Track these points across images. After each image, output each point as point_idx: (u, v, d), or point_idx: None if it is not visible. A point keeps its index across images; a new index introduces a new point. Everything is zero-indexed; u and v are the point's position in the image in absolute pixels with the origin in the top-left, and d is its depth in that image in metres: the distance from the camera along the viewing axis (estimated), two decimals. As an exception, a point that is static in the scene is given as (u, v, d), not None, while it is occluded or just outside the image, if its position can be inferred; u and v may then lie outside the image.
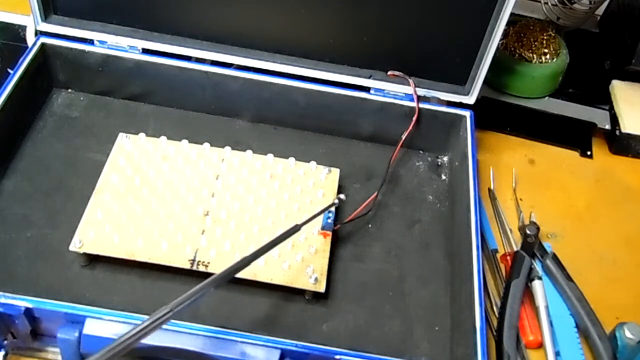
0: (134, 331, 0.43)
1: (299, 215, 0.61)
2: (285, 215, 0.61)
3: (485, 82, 0.67)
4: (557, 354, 0.59)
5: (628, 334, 0.58)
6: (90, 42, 0.69)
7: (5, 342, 0.53)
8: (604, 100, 0.81)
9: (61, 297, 0.51)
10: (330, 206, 0.60)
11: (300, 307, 0.58)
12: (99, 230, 0.57)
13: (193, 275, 0.57)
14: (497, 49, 0.64)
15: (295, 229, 0.55)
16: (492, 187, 0.72)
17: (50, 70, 0.70)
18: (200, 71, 0.69)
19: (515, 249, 0.65)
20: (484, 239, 0.66)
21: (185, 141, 0.65)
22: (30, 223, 0.60)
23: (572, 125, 0.79)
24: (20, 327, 0.51)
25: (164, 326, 0.49)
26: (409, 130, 0.68)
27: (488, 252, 0.66)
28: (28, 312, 0.50)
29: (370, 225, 0.65)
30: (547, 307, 0.61)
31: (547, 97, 0.81)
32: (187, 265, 0.57)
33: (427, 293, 0.61)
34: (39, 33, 0.69)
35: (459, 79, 0.68)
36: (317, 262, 0.58)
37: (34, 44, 0.68)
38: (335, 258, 0.61)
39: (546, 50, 0.80)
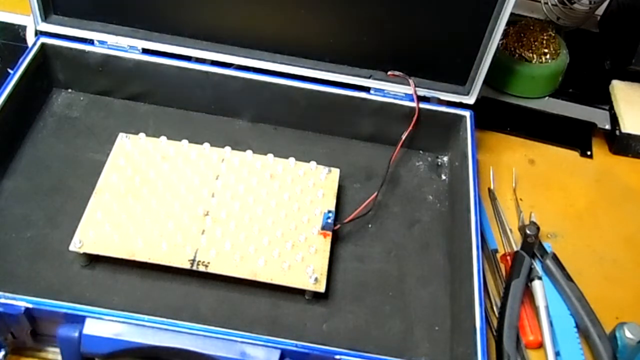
0: None
1: (299, 215, 0.61)
2: (285, 215, 0.61)
3: (485, 82, 0.67)
4: (557, 354, 0.59)
5: (628, 334, 0.58)
6: (90, 42, 0.69)
7: (5, 342, 0.53)
8: (604, 100, 0.81)
9: (61, 297, 0.51)
10: None
11: (300, 307, 0.58)
12: (99, 230, 0.57)
13: (193, 275, 0.58)
14: (497, 49, 0.64)
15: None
16: (492, 187, 0.72)
17: (50, 70, 0.70)
18: (200, 71, 0.69)
19: (515, 249, 0.65)
20: (484, 239, 0.66)
21: (185, 141, 0.65)
22: (30, 223, 0.60)
23: (572, 125, 0.79)
24: (20, 327, 0.51)
25: (164, 326, 0.49)
26: (409, 130, 0.68)
27: (488, 252, 0.66)
28: (28, 312, 0.50)
29: (370, 225, 0.65)
30: (547, 307, 0.61)
31: (547, 97, 0.81)
32: (187, 265, 0.57)
33: (427, 293, 0.61)
34: (39, 33, 0.69)
35: (459, 79, 0.68)
36: (317, 262, 0.58)
37: (34, 44, 0.68)
38: (335, 258, 0.61)
39: (546, 50, 0.80)
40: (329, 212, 0.62)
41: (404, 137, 0.68)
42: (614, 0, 0.88)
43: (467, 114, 0.69)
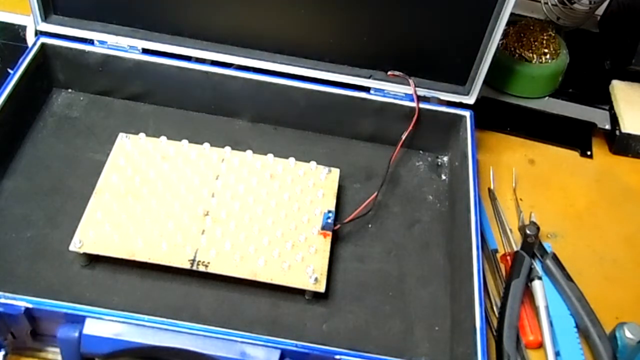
0: None
1: (299, 215, 0.61)
2: (285, 215, 0.61)
3: (485, 82, 0.67)
4: (557, 354, 0.59)
5: (628, 334, 0.58)
6: (90, 42, 0.69)
7: (5, 342, 0.53)
8: (604, 100, 0.81)
9: (61, 297, 0.51)
10: None
11: (300, 307, 0.58)
12: (99, 230, 0.57)
13: (193, 275, 0.58)
14: (497, 49, 0.64)
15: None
16: (492, 187, 0.72)
17: (50, 70, 0.70)
18: (200, 71, 0.69)
19: (515, 249, 0.65)
20: (484, 239, 0.66)
21: (185, 141, 0.65)
22: (30, 223, 0.60)
23: (572, 125, 0.79)
24: (20, 327, 0.51)
25: (164, 326, 0.49)
26: (409, 130, 0.68)
27: (488, 252, 0.66)
28: (28, 312, 0.50)
29: (370, 225, 0.65)
30: (547, 307, 0.61)
31: (547, 97, 0.81)
32: (187, 265, 0.57)
33: (427, 293, 0.61)
34: (39, 33, 0.69)
35: (459, 79, 0.68)
36: (317, 262, 0.58)
37: (34, 44, 0.68)
38: (335, 258, 0.61)
39: (546, 50, 0.80)
40: (329, 212, 0.62)
41: (404, 137, 0.68)
42: (614, 0, 0.88)
43: (467, 114, 0.69)
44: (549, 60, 0.80)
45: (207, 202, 0.61)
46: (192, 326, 0.50)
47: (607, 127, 0.79)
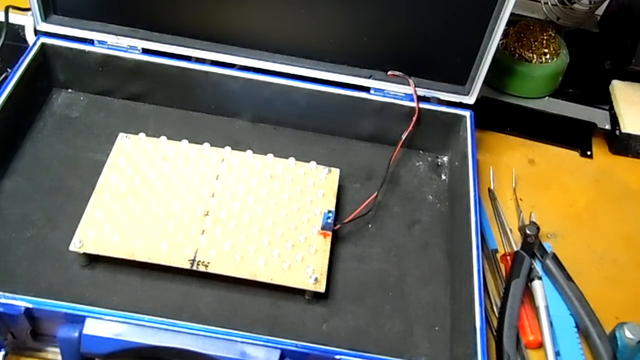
0: None
1: (299, 215, 0.61)
2: (285, 215, 0.61)
3: (485, 82, 0.67)
4: (557, 354, 0.59)
5: (628, 334, 0.58)
6: (90, 42, 0.69)
7: (5, 342, 0.53)
8: (604, 100, 0.81)
9: (61, 297, 0.51)
10: None
11: (300, 307, 0.58)
12: (99, 230, 0.57)
13: (193, 275, 0.58)
14: (497, 49, 0.64)
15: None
16: (492, 187, 0.72)
17: (50, 70, 0.70)
18: (200, 71, 0.69)
19: (515, 249, 0.65)
20: (484, 239, 0.66)
21: (185, 141, 0.65)
22: (30, 223, 0.60)
23: (572, 125, 0.79)
24: (20, 327, 0.51)
25: (164, 326, 0.49)
26: (409, 130, 0.68)
27: (488, 252, 0.66)
28: (28, 312, 0.50)
29: (370, 225, 0.65)
30: (547, 307, 0.61)
31: (547, 97, 0.81)
32: (187, 265, 0.57)
33: (427, 293, 0.61)
34: (39, 33, 0.69)
35: (459, 79, 0.68)
36: (317, 262, 0.58)
37: (34, 44, 0.68)
38: (335, 258, 0.61)
39: (546, 50, 0.80)
40: (329, 212, 0.62)
41: (404, 137, 0.68)
42: (614, 0, 0.88)
43: (467, 114, 0.69)
44: (549, 60, 0.80)
45: (207, 202, 0.61)
46: (192, 326, 0.50)
47: (607, 127, 0.79)
